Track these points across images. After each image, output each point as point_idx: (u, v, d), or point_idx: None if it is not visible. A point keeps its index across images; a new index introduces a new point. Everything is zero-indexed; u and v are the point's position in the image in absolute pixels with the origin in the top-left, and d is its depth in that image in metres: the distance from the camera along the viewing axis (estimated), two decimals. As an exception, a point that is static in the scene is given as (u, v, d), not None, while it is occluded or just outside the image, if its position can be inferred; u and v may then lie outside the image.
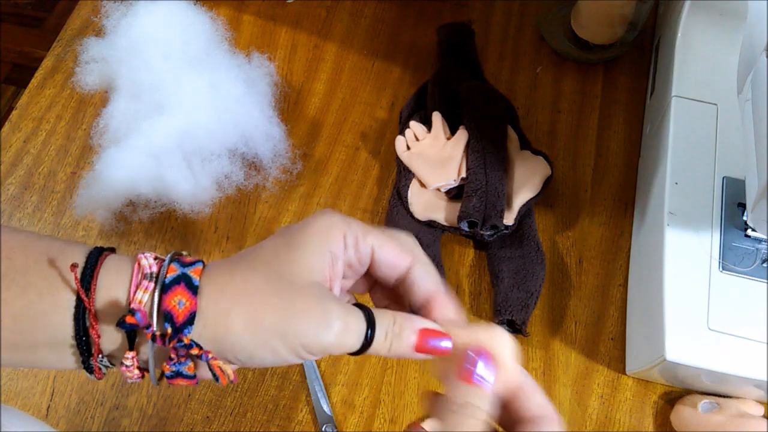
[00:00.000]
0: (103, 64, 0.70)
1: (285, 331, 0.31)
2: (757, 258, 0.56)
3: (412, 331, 0.33)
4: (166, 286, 0.31)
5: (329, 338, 0.32)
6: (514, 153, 0.65)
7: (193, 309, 0.31)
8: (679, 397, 0.59)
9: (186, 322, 0.31)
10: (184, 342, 0.31)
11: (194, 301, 0.31)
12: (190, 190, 0.64)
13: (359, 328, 0.32)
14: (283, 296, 0.32)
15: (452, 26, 0.74)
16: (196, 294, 0.31)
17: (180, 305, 0.31)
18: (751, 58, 0.46)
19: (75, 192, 0.66)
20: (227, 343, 0.32)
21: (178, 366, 0.32)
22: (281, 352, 0.32)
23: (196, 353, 0.31)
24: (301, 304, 0.32)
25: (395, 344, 0.33)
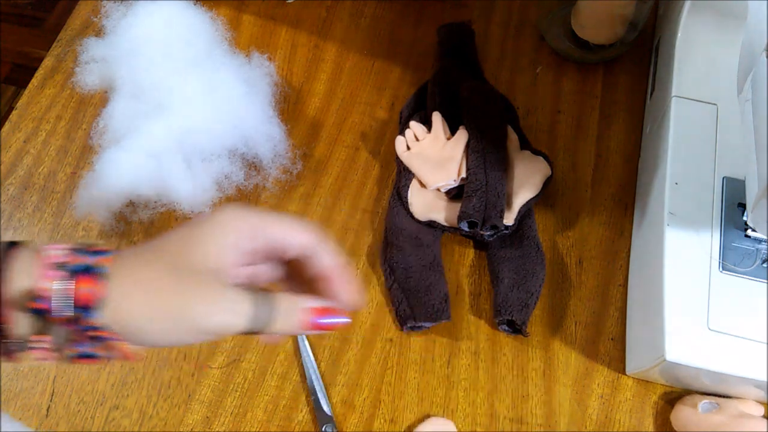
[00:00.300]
0: (102, 64, 0.70)
1: (181, 313, 0.35)
2: (757, 258, 0.56)
3: (302, 309, 0.37)
4: (76, 274, 0.34)
5: (227, 321, 0.35)
6: (514, 153, 0.65)
7: (100, 294, 0.34)
8: (679, 397, 0.59)
9: (93, 307, 0.33)
10: (91, 325, 0.33)
11: (101, 288, 0.34)
12: (190, 191, 0.64)
13: (247, 309, 0.36)
14: (181, 282, 0.35)
15: (452, 26, 0.74)
16: (104, 281, 0.34)
17: (88, 291, 0.33)
18: (751, 58, 0.46)
19: (75, 192, 0.66)
20: (131, 326, 0.34)
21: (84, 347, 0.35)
22: (183, 336, 0.35)
23: (104, 335, 0.34)
24: (195, 288, 0.35)
25: (285, 323, 0.37)
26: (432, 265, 0.62)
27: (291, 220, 0.39)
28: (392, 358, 0.61)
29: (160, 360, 0.60)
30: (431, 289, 0.60)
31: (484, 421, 0.58)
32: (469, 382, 0.60)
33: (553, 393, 0.59)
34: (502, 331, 0.61)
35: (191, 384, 0.59)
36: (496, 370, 0.60)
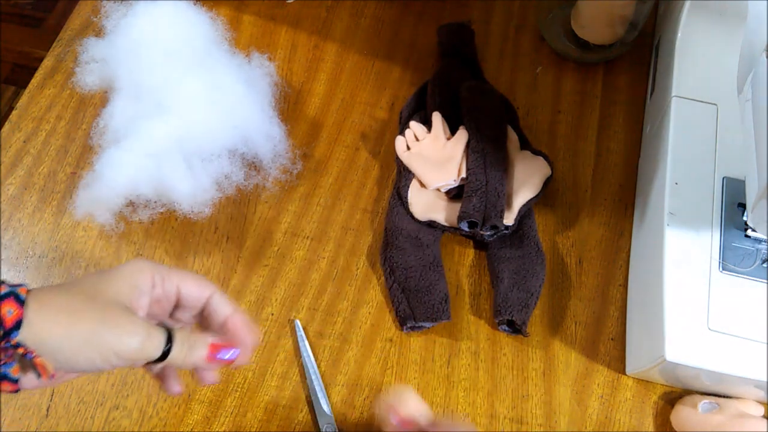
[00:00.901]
0: (102, 64, 0.70)
1: (97, 338, 0.39)
2: (757, 258, 0.56)
3: (203, 344, 0.42)
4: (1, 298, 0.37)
5: (134, 345, 0.39)
6: (514, 153, 0.65)
7: (20, 316, 0.37)
8: (679, 397, 0.59)
9: (13, 327, 0.37)
10: (11, 343, 0.37)
11: (21, 311, 0.37)
12: (190, 191, 0.64)
13: (160, 339, 0.40)
14: (97, 311, 0.39)
15: (452, 26, 0.74)
16: (23, 306, 0.38)
17: (9, 314, 0.37)
18: (751, 58, 0.46)
19: (75, 192, 0.66)
20: (49, 348, 0.38)
21: (5, 368, 0.37)
22: (95, 358, 0.39)
23: (22, 352, 0.37)
24: (113, 317, 0.39)
25: (189, 354, 0.41)
26: (432, 265, 0.62)
27: (190, 274, 0.44)
28: (392, 358, 0.61)
29: (160, 360, 0.60)
30: (431, 289, 0.61)
31: (484, 421, 0.58)
32: (469, 382, 0.60)
33: (553, 393, 0.59)
34: (502, 331, 0.61)
35: (191, 384, 0.59)
36: (496, 370, 0.60)
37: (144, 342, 0.40)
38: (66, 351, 0.38)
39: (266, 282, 0.64)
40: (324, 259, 0.65)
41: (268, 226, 0.66)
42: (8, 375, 0.38)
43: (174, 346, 0.41)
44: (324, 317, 0.62)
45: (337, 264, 0.65)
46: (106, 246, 0.65)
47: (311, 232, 0.66)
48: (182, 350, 0.41)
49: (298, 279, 0.64)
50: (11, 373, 0.38)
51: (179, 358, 0.41)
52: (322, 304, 0.63)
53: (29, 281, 0.63)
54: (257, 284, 0.63)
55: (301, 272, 0.64)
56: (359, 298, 0.63)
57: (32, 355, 0.37)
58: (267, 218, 0.67)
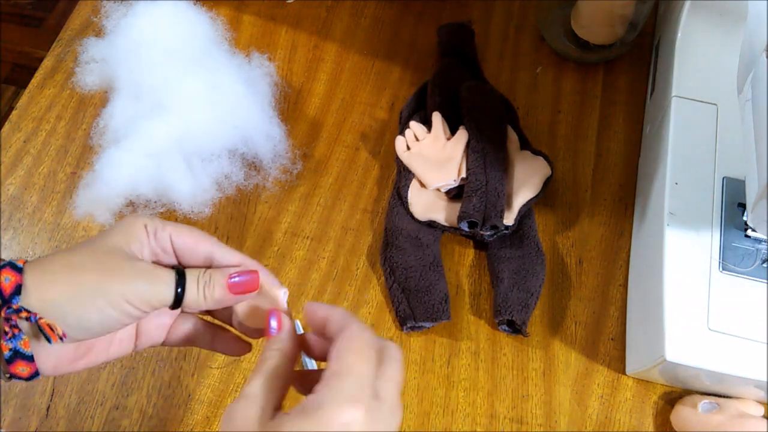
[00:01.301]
0: (102, 64, 0.70)
1: (106, 290, 0.36)
2: (757, 258, 0.56)
3: (221, 276, 0.40)
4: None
5: (146, 288, 0.37)
6: (514, 153, 0.65)
7: (18, 282, 0.36)
8: (679, 397, 0.59)
9: (13, 293, 0.35)
10: (13, 308, 0.35)
11: (19, 276, 0.36)
12: (190, 191, 0.64)
13: (169, 278, 0.38)
14: (99, 262, 0.37)
15: (452, 26, 0.74)
16: (21, 272, 0.36)
17: (6, 280, 0.35)
18: (751, 58, 0.46)
19: (75, 192, 0.66)
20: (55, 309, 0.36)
21: (14, 342, 0.36)
22: (106, 310, 0.36)
23: (25, 316, 0.35)
24: (116, 265, 0.37)
25: (208, 291, 0.39)
26: (432, 265, 0.62)
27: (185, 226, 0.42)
28: (392, 358, 0.61)
29: (160, 360, 0.60)
30: (431, 289, 0.60)
31: (484, 421, 0.58)
32: (469, 382, 0.60)
33: (553, 393, 0.59)
34: (502, 331, 0.61)
35: (191, 384, 0.59)
36: (496, 370, 0.60)
37: (154, 283, 0.38)
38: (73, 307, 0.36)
39: (266, 282, 0.64)
40: (324, 259, 0.65)
41: (268, 226, 0.66)
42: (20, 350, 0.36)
43: (188, 284, 0.39)
44: (324, 317, 0.62)
45: (337, 264, 0.65)
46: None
47: (311, 232, 0.66)
48: (199, 288, 0.39)
49: (298, 279, 0.64)
50: (23, 347, 0.36)
51: (199, 296, 0.39)
52: (322, 304, 0.63)
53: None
54: (257, 284, 0.63)
55: (301, 272, 0.64)
56: (359, 298, 0.63)
57: (36, 317, 0.35)
58: (267, 218, 0.67)
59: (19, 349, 0.36)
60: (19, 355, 0.36)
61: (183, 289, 0.39)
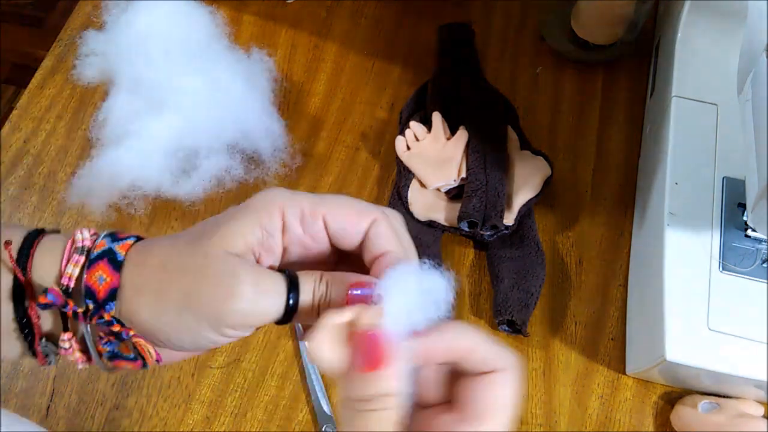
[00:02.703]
0: (102, 58, 0.71)
1: (190, 303, 0.29)
2: (757, 258, 0.56)
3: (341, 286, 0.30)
4: (91, 261, 0.30)
5: (239, 304, 0.29)
6: (514, 153, 0.65)
7: (114, 285, 0.30)
8: (679, 397, 0.59)
9: (107, 299, 0.30)
10: (105, 319, 0.30)
11: (115, 277, 0.30)
12: (190, 185, 0.64)
13: (277, 290, 0.30)
14: (193, 267, 0.30)
15: (452, 26, 0.74)
16: (119, 270, 0.30)
17: (101, 281, 0.30)
18: (751, 58, 0.46)
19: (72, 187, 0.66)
20: (139, 321, 0.30)
21: (111, 346, 0.31)
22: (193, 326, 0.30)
23: (117, 330, 0.30)
24: (210, 271, 0.30)
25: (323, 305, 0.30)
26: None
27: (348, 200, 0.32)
28: (392, 358, 0.61)
29: (160, 360, 0.60)
30: (431, 289, 0.60)
31: (484, 421, 0.58)
32: (469, 382, 0.60)
33: (553, 393, 0.59)
34: (502, 331, 0.61)
35: (191, 384, 0.59)
36: (496, 370, 0.60)
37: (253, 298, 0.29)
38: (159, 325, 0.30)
39: (266, 282, 0.64)
40: (324, 259, 0.65)
41: (268, 226, 0.66)
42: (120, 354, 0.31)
43: (302, 296, 0.30)
44: (324, 317, 0.62)
45: (337, 264, 0.65)
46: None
47: (311, 232, 0.66)
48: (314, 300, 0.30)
49: (298, 279, 0.64)
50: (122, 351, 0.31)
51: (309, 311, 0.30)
52: (322, 304, 0.63)
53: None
54: (257, 284, 0.63)
55: (301, 272, 0.64)
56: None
57: (129, 334, 0.30)
58: (267, 218, 0.66)
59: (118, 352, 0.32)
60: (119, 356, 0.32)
61: (296, 302, 0.30)
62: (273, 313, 0.30)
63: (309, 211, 0.32)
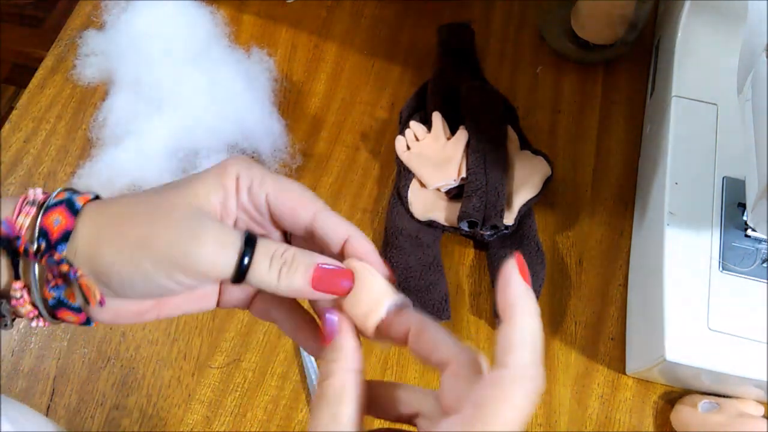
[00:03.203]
0: (102, 57, 0.71)
1: (149, 246, 0.30)
2: (757, 258, 0.56)
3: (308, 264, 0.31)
4: (48, 207, 0.31)
5: (198, 252, 0.30)
6: (514, 153, 0.65)
7: (68, 227, 0.31)
8: (679, 397, 0.59)
9: (60, 239, 0.31)
10: (55, 258, 0.30)
11: (71, 221, 0.31)
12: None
13: (234, 244, 0.30)
14: (155, 215, 0.31)
15: (452, 26, 0.74)
16: (76, 216, 0.31)
17: (56, 223, 0.31)
18: (751, 58, 0.46)
19: (71, 182, 0.66)
20: (98, 265, 0.31)
21: (58, 291, 0.31)
22: (150, 270, 0.30)
23: (66, 270, 0.30)
24: (172, 220, 0.31)
25: (285, 276, 0.31)
26: (432, 265, 0.62)
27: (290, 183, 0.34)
28: (392, 358, 0.61)
29: (160, 360, 0.60)
30: (431, 289, 0.60)
31: (484, 421, 0.58)
32: (469, 382, 0.60)
33: (553, 393, 0.59)
34: (502, 331, 0.61)
35: (191, 384, 0.59)
36: (496, 370, 0.60)
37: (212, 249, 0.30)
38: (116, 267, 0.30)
39: (266, 282, 0.64)
40: (324, 259, 0.65)
41: (268, 226, 0.66)
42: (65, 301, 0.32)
43: (257, 258, 0.31)
44: (324, 317, 0.62)
45: (337, 264, 0.65)
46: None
47: (311, 232, 0.66)
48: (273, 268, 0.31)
49: (298, 279, 0.64)
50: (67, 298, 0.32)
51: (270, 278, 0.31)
52: (322, 304, 0.63)
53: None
54: (257, 284, 0.63)
55: (301, 272, 0.64)
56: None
57: (76, 273, 0.30)
58: (267, 218, 0.67)
59: (63, 299, 0.32)
60: (64, 305, 0.32)
61: (250, 262, 0.30)
62: (226, 266, 0.30)
63: (258, 181, 0.33)
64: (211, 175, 0.32)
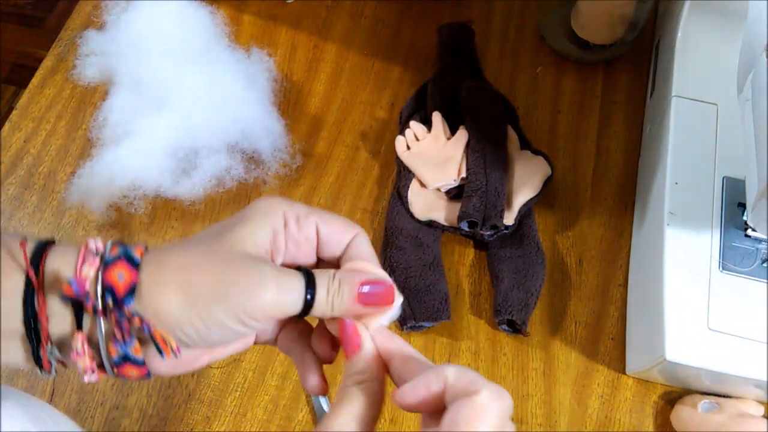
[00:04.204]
0: (102, 57, 0.71)
1: (220, 296, 0.32)
2: (757, 258, 0.56)
3: (352, 283, 0.34)
4: (108, 262, 0.32)
5: (266, 297, 0.32)
6: (514, 153, 0.65)
7: (133, 281, 0.32)
8: (679, 397, 0.59)
9: (127, 294, 0.31)
10: (125, 314, 0.31)
11: (134, 274, 0.32)
12: (190, 184, 0.64)
13: (297, 286, 0.33)
14: (218, 265, 0.33)
15: (452, 26, 0.74)
16: (137, 268, 0.32)
17: (120, 278, 0.31)
18: (751, 58, 0.46)
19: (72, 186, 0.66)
20: (167, 315, 0.32)
21: (125, 347, 0.32)
22: (222, 319, 0.32)
23: (139, 325, 0.31)
24: (236, 269, 0.32)
25: (337, 300, 0.34)
26: (432, 265, 0.62)
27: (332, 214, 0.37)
28: (392, 358, 0.61)
29: (160, 360, 0.60)
30: (431, 289, 0.60)
31: (484, 421, 0.58)
32: (469, 382, 0.60)
33: (553, 393, 0.59)
34: (502, 331, 0.61)
35: (191, 384, 0.59)
36: (496, 370, 0.60)
37: (278, 292, 0.32)
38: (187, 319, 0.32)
39: (266, 282, 0.64)
40: (324, 259, 0.65)
41: (268, 226, 0.66)
42: (130, 356, 0.32)
43: (318, 291, 0.33)
44: (324, 317, 0.62)
45: (337, 264, 0.65)
46: (106, 246, 0.65)
47: (311, 232, 0.66)
48: (329, 296, 0.34)
49: (298, 279, 0.64)
50: (133, 353, 0.32)
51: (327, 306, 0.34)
52: (322, 303, 0.63)
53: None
54: (257, 284, 0.63)
55: (301, 272, 0.64)
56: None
57: (150, 326, 0.31)
58: (267, 218, 0.67)
59: (129, 354, 0.32)
60: (129, 360, 0.33)
61: (313, 297, 0.34)
62: (294, 307, 0.33)
63: (304, 214, 0.36)
64: (258, 217, 0.35)
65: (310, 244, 0.36)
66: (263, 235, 0.34)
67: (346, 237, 0.37)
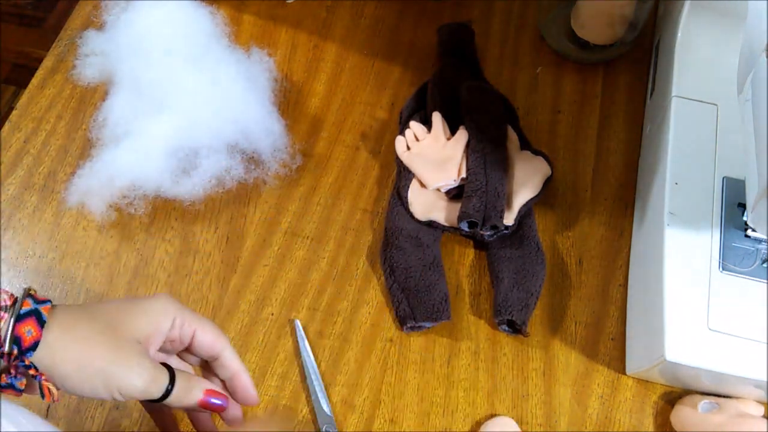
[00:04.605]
0: (102, 57, 0.71)
1: (106, 375, 0.41)
2: (757, 258, 0.56)
3: (199, 389, 0.45)
4: (21, 317, 0.40)
5: (139, 386, 0.42)
6: (514, 153, 0.65)
7: (38, 338, 0.40)
8: (679, 397, 0.59)
9: (30, 348, 0.40)
10: (25, 363, 0.39)
11: (40, 333, 0.40)
12: (190, 185, 0.64)
13: (163, 382, 0.43)
14: (110, 348, 0.42)
15: (452, 26, 0.74)
16: (43, 327, 0.40)
17: (28, 334, 0.40)
18: (751, 58, 0.46)
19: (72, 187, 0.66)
20: (59, 373, 0.41)
21: (13, 381, 0.40)
22: (99, 390, 0.41)
23: (33, 374, 0.40)
24: (124, 355, 0.42)
25: (186, 398, 0.44)
26: (432, 265, 0.62)
27: (209, 324, 0.47)
28: (392, 358, 0.61)
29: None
30: (431, 289, 0.61)
31: (484, 421, 0.58)
32: (469, 382, 0.60)
33: (553, 393, 0.59)
34: (502, 331, 0.61)
35: (191, 384, 0.59)
36: (496, 370, 0.60)
37: (148, 384, 0.42)
38: (74, 381, 0.41)
39: (266, 282, 0.64)
40: (324, 259, 0.65)
41: (268, 226, 0.66)
42: (15, 385, 0.40)
43: (174, 389, 0.43)
44: (324, 317, 0.62)
45: (337, 264, 0.65)
46: (105, 246, 0.65)
47: (311, 232, 0.66)
48: (181, 393, 0.44)
49: (298, 279, 0.64)
50: (18, 384, 0.40)
51: (177, 399, 0.44)
52: (322, 304, 0.63)
53: (29, 281, 0.63)
54: (257, 284, 0.64)
55: (301, 272, 0.64)
56: (359, 298, 0.63)
57: (41, 378, 0.40)
58: (267, 218, 0.67)
59: (14, 385, 0.40)
60: (12, 387, 0.40)
61: (170, 391, 0.43)
62: (156, 395, 0.43)
63: (188, 321, 0.46)
64: (153, 314, 0.44)
65: (182, 345, 0.46)
66: (152, 330, 0.44)
67: (216, 347, 0.47)
